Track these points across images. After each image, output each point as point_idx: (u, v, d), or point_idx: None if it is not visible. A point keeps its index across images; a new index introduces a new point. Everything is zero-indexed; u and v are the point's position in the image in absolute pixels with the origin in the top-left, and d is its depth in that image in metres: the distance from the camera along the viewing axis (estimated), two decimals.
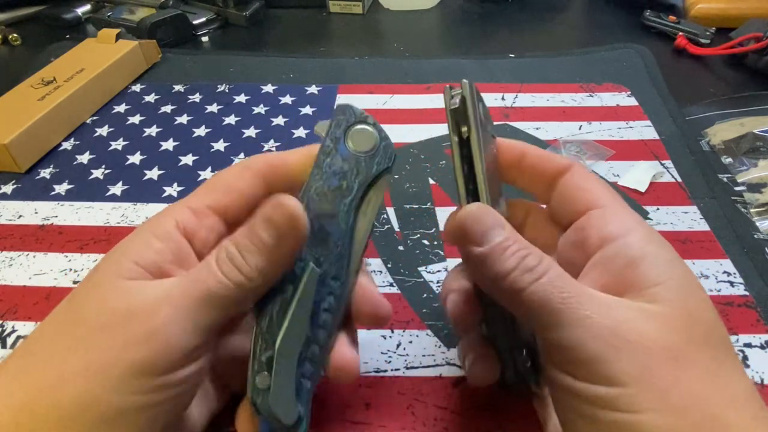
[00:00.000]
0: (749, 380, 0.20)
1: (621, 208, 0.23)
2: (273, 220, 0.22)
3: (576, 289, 0.20)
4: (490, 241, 0.21)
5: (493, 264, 0.21)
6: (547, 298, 0.20)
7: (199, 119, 0.52)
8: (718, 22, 0.64)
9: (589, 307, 0.20)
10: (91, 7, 0.72)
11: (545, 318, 0.20)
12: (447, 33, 0.70)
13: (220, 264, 0.22)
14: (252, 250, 0.22)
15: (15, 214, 0.42)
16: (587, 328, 0.19)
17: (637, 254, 0.21)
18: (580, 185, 0.24)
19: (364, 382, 0.30)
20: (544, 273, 0.21)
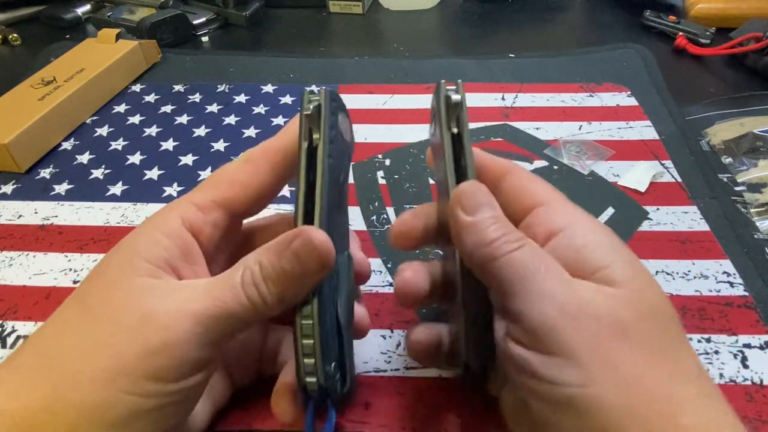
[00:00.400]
0: (696, 357, 0.20)
1: (563, 203, 0.24)
2: (300, 256, 0.22)
3: (548, 263, 0.21)
4: (481, 213, 0.22)
5: (480, 232, 0.22)
6: (519, 265, 0.21)
7: (199, 119, 0.52)
8: (718, 22, 0.64)
9: (554, 279, 0.21)
10: (91, 7, 0.72)
11: (512, 286, 0.21)
12: (447, 33, 0.70)
13: (245, 287, 0.22)
14: (275, 281, 0.22)
15: (15, 214, 0.42)
16: (548, 297, 0.20)
17: (581, 242, 0.22)
18: (524, 186, 0.25)
19: (364, 382, 0.30)
20: (521, 246, 0.21)
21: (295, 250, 0.22)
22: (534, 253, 0.21)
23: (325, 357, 0.23)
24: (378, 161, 0.46)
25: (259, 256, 0.23)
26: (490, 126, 0.49)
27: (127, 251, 0.23)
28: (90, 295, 0.22)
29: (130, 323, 0.20)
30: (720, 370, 0.30)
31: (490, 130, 0.49)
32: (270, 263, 0.22)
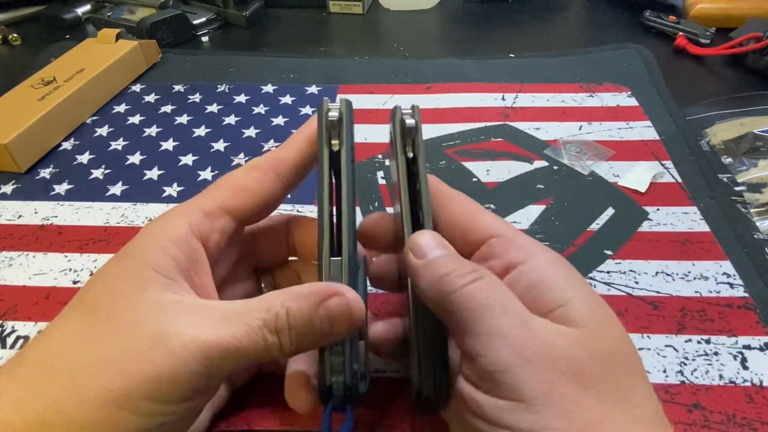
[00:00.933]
0: (655, 397, 0.20)
1: (518, 235, 0.24)
2: (333, 317, 0.21)
3: (503, 299, 0.21)
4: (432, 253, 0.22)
5: (432, 270, 0.21)
6: (473, 301, 0.20)
7: (199, 119, 0.52)
8: (718, 22, 0.64)
9: (510, 318, 0.20)
10: (91, 7, 0.72)
11: (467, 325, 0.20)
12: (447, 33, 0.70)
13: (265, 330, 0.21)
14: (300, 333, 0.21)
15: (15, 214, 0.42)
16: (503, 338, 0.19)
17: (539, 278, 0.22)
18: (472, 214, 0.25)
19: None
20: (476, 279, 0.21)
21: (330, 311, 0.21)
22: (490, 287, 0.21)
23: (353, 356, 0.23)
24: (378, 161, 0.46)
25: (288, 301, 0.21)
26: (490, 126, 0.49)
27: (135, 260, 0.22)
28: (98, 306, 0.21)
29: (139, 345, 0.20)
30: (720, 372, 0.30)
31: (490, 130, 0.49)
32: (300, 314, 0.21)
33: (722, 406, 0.29)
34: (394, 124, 0.26)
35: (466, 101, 0.53)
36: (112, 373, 0.20)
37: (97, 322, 0.21)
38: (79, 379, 0.20)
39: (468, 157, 0.46)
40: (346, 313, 0.22)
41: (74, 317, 0.21)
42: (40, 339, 0.21)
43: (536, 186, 0.43)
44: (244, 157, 0.47)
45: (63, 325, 0.21)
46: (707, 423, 0.28)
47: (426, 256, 0.22)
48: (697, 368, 0.31)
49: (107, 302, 0.21)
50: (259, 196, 0.25)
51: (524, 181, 0.44)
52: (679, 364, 0.31)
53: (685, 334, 0.32)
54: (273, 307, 0.21)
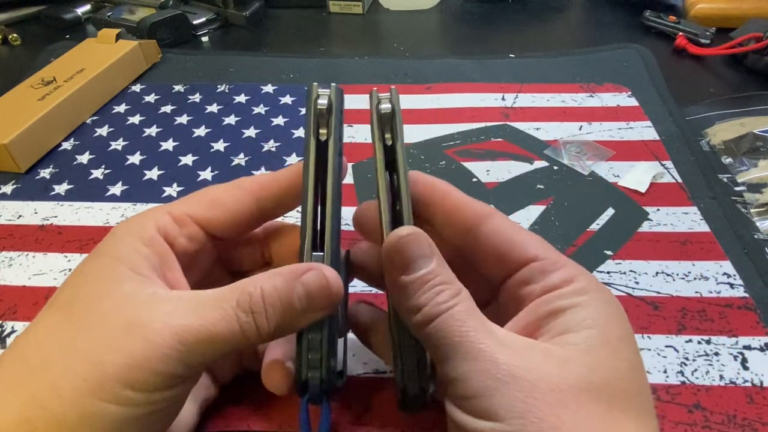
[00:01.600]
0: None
1: (557, 257, 0.23)
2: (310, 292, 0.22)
3: (477, 325, 0.20)
4: (416, 270, 0.22)
5: (410, 296, 0.21)
6: (448, 330, 0.20)
7: (199, 119, 0.52)
8: (718, 22, 0.64)
9: (484, 342, 0.20)
10: (91, 7, 0.72)
11: (443, 351, 0.20)
12: (447, 33, 0.70)
13: (239, 313, 0.21)
14: (277, 312, 0.21)
15: (15, 214, 0.42)
16: (476, 361, 0.20)
17: (567, 303, 0.21)
18: (508, 234, 0.24)
19: (364, 384, 0.30)
20: (450, 307, 0.21)
21: (307, 285, 0.21)
22: (463, 313, 0.21)
23: (330, 351, 0.23)
24: None
25: (262, 282, 0.21)
26: (490, 126, 0.49)
27: (109, 259, 0.22)
28: (75, 303, 0.21)
29: (113, 334, 0.20)
30: (720, 372, 0.30)
31: (490, 131, 0.49)
32: (275, 292, 0.21)
33: (723, 406, 0.29)
34: (371, 110, 0.25)
35: (466, 101, 0.53)
36: (86, 364, 0.20)
37: (72, 318, 0.21)
38: (54, 373, 0.20)
39: (468, 158, 0.46)
40: (324, 287, 0.21)
41: (50, 315, 0.22)
42: (18, 339, 0.21)
43: (536, 186, 0.43)
44: (244, 157, 0.47)
45: (39, 323, 0.21)
46: (708, 423, 0.28)
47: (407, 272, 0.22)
48: (698, 368, 0.31)
49: (81, 299, 0.21)
50: (232, 214, 0.25)
51: (524, 181, 0.44)
52: (680, 364, 0.31)
53: (685, 334, 0.32)
54: (246, 288, 0.21)
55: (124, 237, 0.23)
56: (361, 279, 0.28)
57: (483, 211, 0.25)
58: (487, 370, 0.19)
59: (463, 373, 0.20)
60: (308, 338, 0.23)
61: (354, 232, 0.28)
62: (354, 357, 0.31)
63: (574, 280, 0.22)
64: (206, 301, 0.21)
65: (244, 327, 0.21)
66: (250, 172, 0.45)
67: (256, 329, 0.21)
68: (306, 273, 0.22)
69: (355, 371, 0.31)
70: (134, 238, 0.23)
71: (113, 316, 0.20)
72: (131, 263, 0.22)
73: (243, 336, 0.21)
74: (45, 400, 0.19)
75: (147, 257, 0.23)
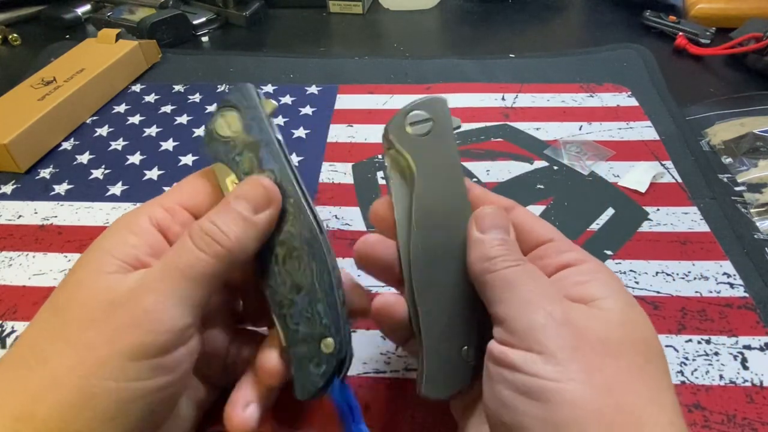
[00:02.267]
0: (676, 398, 0.21)
1: (569, 243, 0.26)
2: (248, 195, 0.24)
3: (540, 280, 0.23)
4: (491, 233, 0.24)
5: (484, 248, 0.24)
6: (510, 279, 0.22)
7: (199, 119, 0.52)
8: (718, 22, 0.64)
9: (544, 292, 0.22)
10: (91, 7, 0.72)
11: (501, 293, 0.22)
12: (447, 33, 0.70)
13: (196, 240, 0.22)
14: (229, 223, 0.23)
15: (15, 214, 0.42)
16: (534, 305, 0.21)
17: (587, 278, 0.23)
18: (529, 221, 0.26)
19: (364, 384, 0.30)
20: (518, 265, 0.23)
21: (240, 190, 0.24)
22: (526, 271, 0.23)
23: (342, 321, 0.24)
24: (378, 161, 0.46)
25: (207, 214, 0.24)
26: (490, 126, 0.49)
27: (97, 252, 0.23)
28: (60, 297, 0.22)
29: (96, 314, 0.21)
30: (720, 372, 0.30)
31: (490, 130, 0.49)
32: (220, 211, 0.23)
33: (722, 406, 0.29)
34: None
35: (466, 101, 0.53)
36: (78, 350, 0.20)
37: (58, 311, 0.22)
38: (50, 367, 0.20)
39: (468, 157, 0.46)
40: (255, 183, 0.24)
41: (42, 313, 0.22)
42: (17, 340, 0.22)
43: (536, 186, 0.43)
44: None
45: (33, 322, 0.22)
46: (708, 423, 0.28)
47: (485, 231, 0.24)
48: (698, 368, 0.31)
49: (67, 291, 0.22)
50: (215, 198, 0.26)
51: (524, 181, 0.44)
52: (680, 364, 0.31)
53: (685, 334, 0.32)
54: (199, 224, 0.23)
55: (115, 231, 0.24)
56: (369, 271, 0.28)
57: (507, 202, 0.27)
58: (546, 313, 0.21)
59: (517, 310, 0.21)
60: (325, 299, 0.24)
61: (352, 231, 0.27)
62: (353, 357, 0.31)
63: (587, 260, 0.24)
64: (171, 251, 0.23)
65: (204, 248, 0.22)
66: None
67: (216, 244, 0.22)
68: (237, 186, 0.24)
69: (355, 371, 0.31)
70: (125, 230, 0.24)
71: (95, 299, 0.21)
72: (118, 253, 0.23)
73: (214, 259, 0.22)
74: (45, 393, 0.19)
75: (135, 246, 0.23)
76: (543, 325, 0.20)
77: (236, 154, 0.26)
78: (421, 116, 0.26)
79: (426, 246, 0.25)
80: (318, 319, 0.24)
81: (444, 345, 0.24)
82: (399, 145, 0.26)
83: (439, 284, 0.25)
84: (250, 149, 0.26)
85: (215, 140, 0.26)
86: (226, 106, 0.26)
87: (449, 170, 0.26)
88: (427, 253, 0.25)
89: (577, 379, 0.19)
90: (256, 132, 0.26)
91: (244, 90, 0.26)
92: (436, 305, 0.25)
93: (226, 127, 0.26)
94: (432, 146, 0.26)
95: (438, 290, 0.25)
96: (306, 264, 0.24)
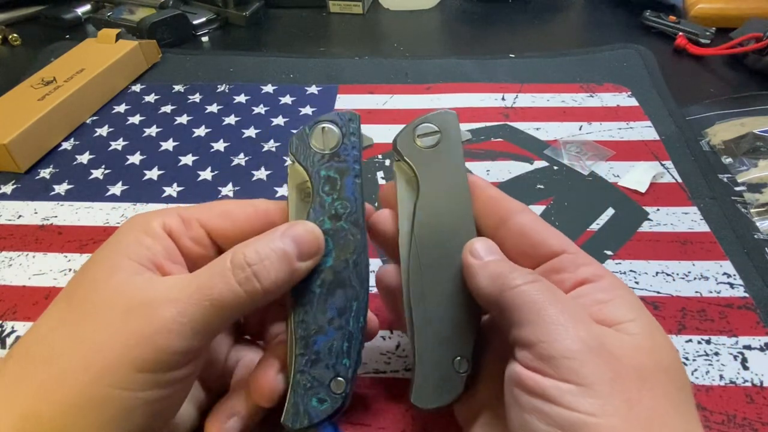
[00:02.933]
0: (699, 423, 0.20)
1: (584, 255, 0.25)
2: (301, 239, 0.23)
3: (565, 299, 0.22)
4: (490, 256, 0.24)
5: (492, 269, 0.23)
6: (533, 296, 0.21)
7: (199, 119, 0.52)
8: (718, 22, 0.64)
9: (572, 313, 0.21)
10: (91, 7, 0.72)
11: (527, 314, 0.21)
12: (447, 33, 0.70)
13: (236, 271, 0.21)
14: (275, 262, 0.22)
15: (15, 214, 0.42)
16: (566, 328, 0.20)
17: (608, 296, 0.22)
18: (538, 229, 0.25)
19: (364, 384, 0.30)
20: (536, 280, 0.22)
21: (292, 233, 0.23)
22: (547, 289, 0.22)
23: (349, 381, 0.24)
24: (378, 161, 0.46)
25: (251, 242, 0.23)
26: (490, 126, 0.49)
27: (111, 250, 0.23)
28: (75, 294, 0.22)
29: (112, 318, 0.20)
30: (720, 372, 0.30)
31: (490, 131, 0.49)
32: (267, 244, 0.22)
33: (722, 406, 0.29)
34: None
35: (466, 101, 0.53)
36: (89, 352, 0.20)
37: (72, 309, 0.21)
38: (59, 365, 0.20)
39: (468, 157, 0.46)
40: (309, 231, 0.23)
41: (54, 308, 0.22)
42: (26, 334, 0.22)
43: (536, 186, 0.43)
44: (244, 157, 0.47)
45: (44, 318, 0.22)
46: (708, 423, 0.28)
47: (482, 258, 0.24)
48: (698, 368, 0.31)
49: (81, 289, 0.22)
50: (242, 229, 0.25)
51: (524, 181, 0.44)
52: None
53: (685, 334, 0.32)
54: (238, 248, 0.22)
55: (129, 230, 0.24)
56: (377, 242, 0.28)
57: (518, 205, 0.26)
58: (578, 337, 0.20)
59: (547, 334, 0.20)
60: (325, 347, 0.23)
61: None
62: None
63: (604, 275, 0.23)
64: (204, 270, 0.22)
65: (242, 282, 0.21)
66: (250, 172, 0.45)
67: (255, 281, 0.22)
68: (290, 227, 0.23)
69: None
70: (139, 231, 0.24)
71: (111, 302, 0.21)
72: (132, 253, 0.22)
73: (244, 293, 0.21)
74: (51, 391, 0.19)
75: (149, 248, 0.23)
76: (578, 353, 0.19)
77: (322, 168, 0.26)
78: (430, 129, 0.27)
79: (424, 255, 0.25)
80: (341, 357, 0.24)
81: (436, 354, 0.24)
82: (406, 156, 0.26)
83: (434, 294, 0.25)
84: (338, 171, 0.26)
85: (307, 146, 0.26)
86: (330, 121, 0.26)
87: (454, 183, 0.26)
88: (424, 262, 0.25)
89: (617, 414, 0.18)
90: (350, 159, 0.26)
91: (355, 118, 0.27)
92: (431, 314, 0.25)
93: (322, 139, 0.26)
94: (438, 159, 0.26)
95: (434, 299, 0.25)
96: (347, 301, 0.24)
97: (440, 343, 0.25)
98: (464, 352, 0.25)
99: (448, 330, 0.25)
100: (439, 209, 0.26)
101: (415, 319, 0.25)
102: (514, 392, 0.21)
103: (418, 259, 0.25)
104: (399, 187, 0.27)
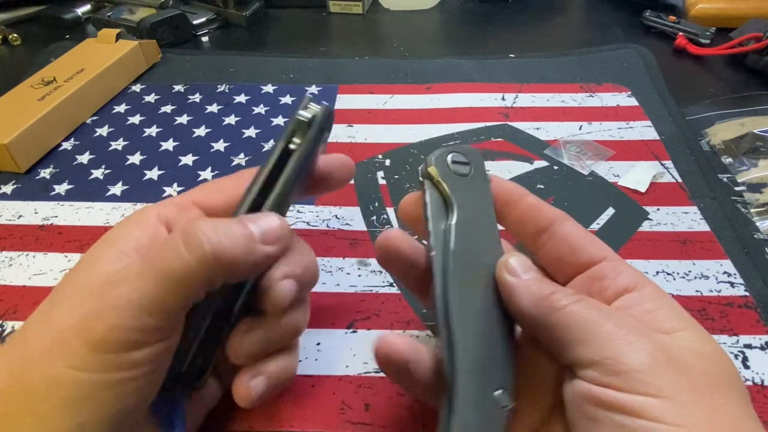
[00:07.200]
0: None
1: (621, 260, 0.25)
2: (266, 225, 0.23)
3: (616, 314, 0.21)
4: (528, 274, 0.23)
5: (534, 289, 0.22)
6: (586, 315, 0.21)
7: (199, 119, 0.52)
8: (718, 22, 0.64)
9: (630, 326, 0.21)
10: (91, 7, 0.72)
11: (583, 333, 0.21)
12: (447, 33, 0.70)
13: (186, 238, 0.21)
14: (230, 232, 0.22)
15: (15, 214, 0.42)
16: (628, 342, 0.20)
17: (655, 305, 0.22)
18: (580, 237, 0.25)
19: (365, 383, 0.30)
20: (581, 299, 0.22)
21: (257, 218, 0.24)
22: (594, 306, 0.21)
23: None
24: (378, 161, 0.46)
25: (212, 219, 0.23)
26: (490, 126, 0.49)
27: (103, 243, 0.24)
28: (59, 284, 0.23)
29: (73, 300, 0.21)
30: None
31: (490, 131, 0.49)
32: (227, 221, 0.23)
33: None
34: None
35: (466, 101, 0.53)
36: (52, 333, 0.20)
37: (51, 297, 0.22)
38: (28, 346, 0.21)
39: None
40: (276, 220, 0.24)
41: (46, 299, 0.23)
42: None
43: (536, 186, 0.43)
44: (244, 157, 0.47)
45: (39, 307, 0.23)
46: None
47: (520, 275, 0.23)
48: None
49: (67, 278, 0.23)
50: (231, 197, 0.26)
51: (524, 181, 0.44)
52: None
53: None
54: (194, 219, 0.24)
55: (122, 224, 0.25)
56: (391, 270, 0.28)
57: (559, 213, 0.26)
58: (645, 350, 0.20)
59: (611, 350, 0.20)
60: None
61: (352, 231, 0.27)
62: (354, 357, 0.31)
63: (645, 283, 0.23)
64: (160, 244, 0.22)
65: (190, 247, 0.21)
66: None
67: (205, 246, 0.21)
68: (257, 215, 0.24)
69: (355, 371, 0.31)
70: (132, 224, 0.24)
71: (81, 287, 0.21)
72: (120, 245, 0.23)
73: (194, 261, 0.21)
74: (18, 372, 0.20)
75: (137, 238, 0.24)
76: (650, 366, 0.19)
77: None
78: (461, 158, 0.26)
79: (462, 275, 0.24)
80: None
81: (479, 387, 0.22)
82: (441, 178, 0.26)
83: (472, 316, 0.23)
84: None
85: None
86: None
87: (485, 213, 0.26)
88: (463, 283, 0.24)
89: (700, 423, 0.18)
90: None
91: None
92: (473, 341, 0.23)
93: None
94: (470, 187, 0.26)
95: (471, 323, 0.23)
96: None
97: (484, 374, 0.22)
98: (506, 383, 0.23)
99: (490, 359, 0.23)
100: (473, 234, 0.25)
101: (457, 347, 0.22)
102: (587, 410, 0.20)
103: (457, 280, 0.23)
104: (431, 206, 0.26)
